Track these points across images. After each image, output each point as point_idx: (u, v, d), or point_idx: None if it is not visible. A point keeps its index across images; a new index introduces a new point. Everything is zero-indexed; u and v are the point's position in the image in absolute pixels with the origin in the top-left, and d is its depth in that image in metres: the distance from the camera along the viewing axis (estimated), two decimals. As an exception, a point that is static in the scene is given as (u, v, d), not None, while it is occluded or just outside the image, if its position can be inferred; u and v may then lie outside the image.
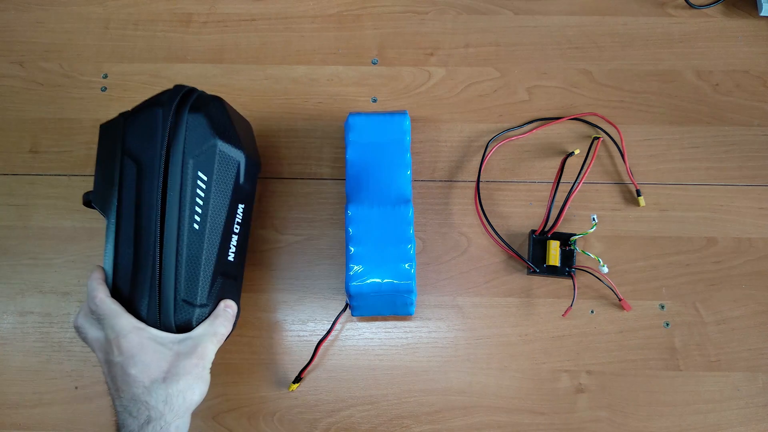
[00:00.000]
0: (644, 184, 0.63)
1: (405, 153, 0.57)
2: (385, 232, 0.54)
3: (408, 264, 0.53)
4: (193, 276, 0.49)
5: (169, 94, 0.51)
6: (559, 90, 0.66)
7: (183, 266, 0.49)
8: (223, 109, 0.53)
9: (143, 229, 0.49)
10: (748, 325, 0.59)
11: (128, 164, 0.50)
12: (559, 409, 0.57)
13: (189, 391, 0.45)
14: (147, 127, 0.50)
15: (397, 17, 0.69)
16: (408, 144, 0.58)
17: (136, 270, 0.48)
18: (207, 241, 0.50)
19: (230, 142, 0.51)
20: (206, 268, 0.50)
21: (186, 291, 0.49)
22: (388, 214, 0.54)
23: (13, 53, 0.69)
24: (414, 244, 0.54)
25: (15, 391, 0.59)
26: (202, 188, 0.50)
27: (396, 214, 0.54)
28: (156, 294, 0.48)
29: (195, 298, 0.49)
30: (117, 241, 0.50)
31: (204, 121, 0.50)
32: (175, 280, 0.48)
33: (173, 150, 0.49)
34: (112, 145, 0.51)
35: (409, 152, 0.58)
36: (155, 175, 0.48)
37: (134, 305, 0.48)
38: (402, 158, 0.57)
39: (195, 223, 0.49)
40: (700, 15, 0.69)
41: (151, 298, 0.48)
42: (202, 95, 0.53)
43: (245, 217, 0.54)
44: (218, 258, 0.50)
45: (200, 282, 0.49)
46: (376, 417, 0.57)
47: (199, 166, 0.49)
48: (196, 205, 0.49)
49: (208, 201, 0.50)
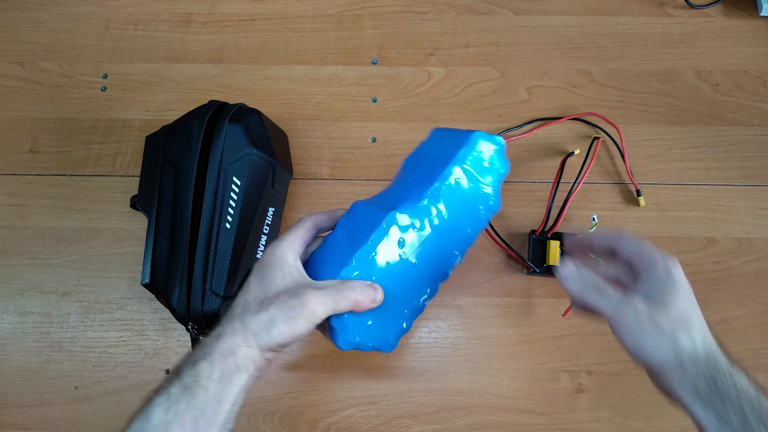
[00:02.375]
0: (644, 184, 0.63)
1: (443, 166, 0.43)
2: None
3: (405, 323, 0.44)
4: (221, 269, 0.54)
5: (204, 109, 0.57)
6: (559, 90, 0.66)
7: (213, 260, 0.54)
8: (260, 121, 0.58)
9: (178, 226, 0.54)
10: (748, 325, 0.59)
11: (168, 170, 0.56)
12: (559, 409, 0.57)
13: (271, 325, 0.37)
14: (184, 137, 0.56)
15: (397, 17, 0.69)
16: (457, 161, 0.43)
17: (171, 262, 0.54)
18: (237, 239, 0.55)
19: (264, 151, 0.57)
20: (235, 263, 0.54)
21: (215, 283, 0.54)
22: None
23: (13, 53, 0.69)
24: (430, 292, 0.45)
25: (15, 391, 0.59)
26: (235, 191, 0.55)
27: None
28: (185, 284, 0.53)
29: (222, 290, 0.54)
30: (155, 238, 0.55)
31: (241, 131, 0.56)
32: (204, 272, 0.53)
33: (212, 156, 0.54)
34: (155, 154, 0.58)
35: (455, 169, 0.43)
36: (190, 178, 0.54)
37: (167, 294, 0.53)
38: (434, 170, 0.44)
39: (227, 222, 0.54)
40: (700, 15, 0.69)
41: (181, 288, 0.53)
42: (242, 108, 0.58)
43: (275, 219, 0.59)
44: (247, 255, 0.55)
45: (229, 275, 0.54)
46: (376, 417, 0.57)
47: (234, 171, 0.55)
48: (229, 207, 0.55)
49: (240, 203, 0.55)
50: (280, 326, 0.37)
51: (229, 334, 0.38)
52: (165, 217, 0.55)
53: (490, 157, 0.45)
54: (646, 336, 0.36)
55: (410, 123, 0.65)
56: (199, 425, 0.35)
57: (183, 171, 0.55)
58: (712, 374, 0.35)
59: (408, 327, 0.44)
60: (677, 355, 0.35)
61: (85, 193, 0.64)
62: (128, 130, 0.66)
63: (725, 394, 0.34)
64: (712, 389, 0.34)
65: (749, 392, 0.34)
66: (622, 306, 0.37)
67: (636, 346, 0.36)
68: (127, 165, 0.65)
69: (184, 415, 0.35)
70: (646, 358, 0.36)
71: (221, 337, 0.38)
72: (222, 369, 0.36)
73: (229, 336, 0.38)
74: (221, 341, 0.37)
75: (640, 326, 0.36)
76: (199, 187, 0.54)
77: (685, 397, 0.35)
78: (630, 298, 0.37)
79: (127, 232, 0.63)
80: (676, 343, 0.35)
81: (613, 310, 0.37)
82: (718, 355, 0.36)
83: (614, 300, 0.37)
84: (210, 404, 0.36)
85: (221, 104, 0.58)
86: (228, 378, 0.37)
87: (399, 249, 0.42)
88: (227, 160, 0.55)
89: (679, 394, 0.35)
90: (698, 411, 0.34)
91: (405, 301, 0.44)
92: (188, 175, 0.54)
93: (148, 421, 0.34)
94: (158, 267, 0.55)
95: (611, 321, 0.37)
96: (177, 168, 0.55)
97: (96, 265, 0.62)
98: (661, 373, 0.36)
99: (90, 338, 0.60)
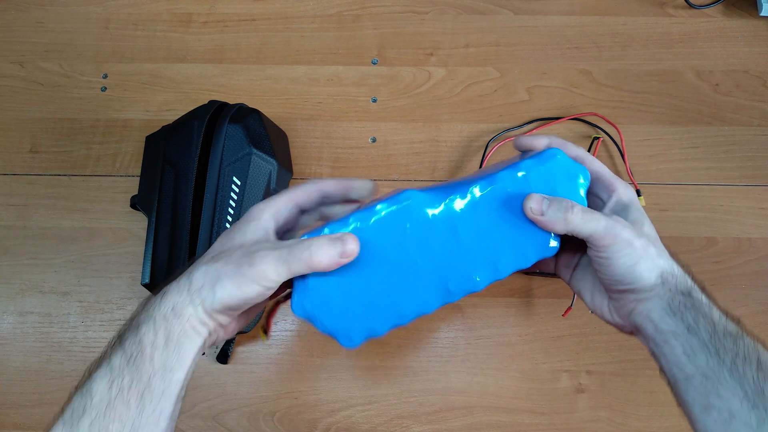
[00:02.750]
0: (644, 184, 0.63)
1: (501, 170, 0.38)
2: None
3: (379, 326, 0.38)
4: None
5: (204, 109, 0.57)
6: (559, 90, 0.66)
7: None
8: (260, 122, 0.58)
9: (178, 226, 0.54)
10: (748, 325, 0.59)
11: (168, 170, 0.56)
12: (559, 409, 0.57)
13: (217, 283, 0.33)
14: (184, 137, 0.56)
15: (397, 17, 0.69)
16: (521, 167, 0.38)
17: (171, 262, 0.54)
18: None
19: (264, 151, 0.57)
20: None
21: None
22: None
23: (13, 53, 0.69)
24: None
25: (15, 391, 0.59)
26: (235, 191, 0.55)
27: None
28: None
29: None
30: (155, 238, 0.55)
31: (241, 131, 0.56)
32: None
33: (212, 156, 0.55)
34: (155, 154, 0.58)
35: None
36: (190, 178, 0.54)
37: None
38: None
39: (227, 222, 0.55)
40: (700, 15, 0.69)
41: None
42: (242, 108, 0.58)
43: None
44: None
45: None
46: (376, 417, 0.57)
47: (234, 171, 0.55)
48: (229, 206, 0.55)
49: (241, 202, 0.55)
50: (225, 284, 0.33)
51: (174, 291, 0.34)
52: (165, 217, 0.55)
53: (569, 181, 0.38)
54: (639, 259, 0.35)
55: (410, 123, 0.65)
56: (147, 400, 0.32)
57: (183, 171, 0.55)
58: (689, 290, 0.35)
59: (380, 332, 0.37)
60: (661, 275, 0.35)
61: (85, 193, 0.64)
62: (128, 130, 0.66)
63: (698, 306, 0.34)
64: (687, 304, 0.34)
65: (716, 308, 0.35)
66: (616, 227, 0.35)
67: (628, 270, 0.35)
68: (127, 165, 0.65)
69: (128, 389, 0.32)
70: (637, 283, 0.35)
71: (166, 295, 0.34)
72: (167, 333, 0.32)
73: (174, 294, 0.33)
74: (165, 300, 0.33)
75: (632, 249, 0.35)
76: (199, 187, 0.54)
77: (656, 315, 0.35)
78: (616, 217, 0.36)
79: (127, 232, 0.63)
80: (659, 264, 0.36)
81: (607, 230, 0.35)
82: (687, 273, 0.36)
83: (604, 221, 0.35)
84: (157, 375, 0.32)
85: (221, 104, 0.58)
86: (176, 343, 0.33)
87: (404, 235, 0.36)
88: (227, 160, 0.55)
89: (651, 314, 0.35)
90: (668, 323, 0.34)
91: (387, 298, 0.37)
92: (188, 175, 0.55)
93: (90, 397, 0.31)
94: (158, 267, 0.55)
95: (602, 244, 0.35)
96: (177, 168, 0.56)
97: (96, 265, 0.62)
98: (644, 294, 0.36)
99: (90, 338, 0.60)
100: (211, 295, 0.33)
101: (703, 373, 0.33)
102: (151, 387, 0.32)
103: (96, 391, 0.31)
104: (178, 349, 0.33)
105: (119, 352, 0.32)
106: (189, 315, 0.33)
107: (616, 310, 0.38)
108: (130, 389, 0.31)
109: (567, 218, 0.35)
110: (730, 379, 0.32)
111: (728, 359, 0.33)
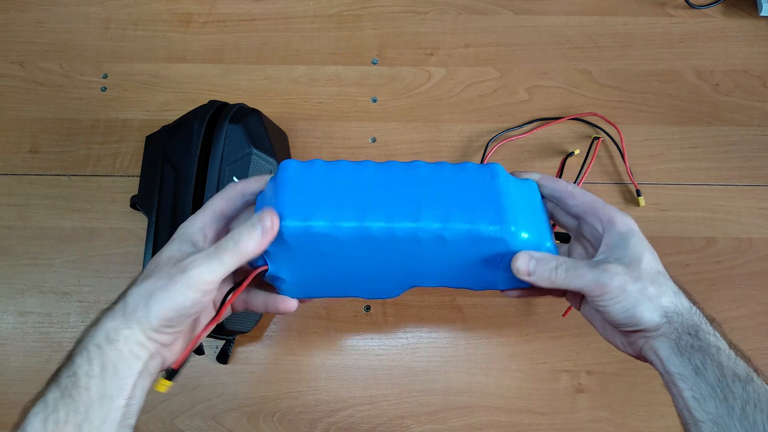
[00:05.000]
0: (644, 184, 0.63)
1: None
2: None
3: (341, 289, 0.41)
4: None
5: (204, 109, 0.57)
6: (559, 90, 0.66)
7: None
8: (260, 122, 0.58)
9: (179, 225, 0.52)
10: (748, 325, 0.59)
11: (168, 170, 0.56)
12: (559, 409, 0.57)
13: (150, 298, 0.33)
14: (185, 137, 0.56)
15: (397, 17, 0.69)
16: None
17: None
18: None
19: (264, 151, 0.57)
20: None
21: None
22: None
23: (13, 53, 0.69)
24: None
25: (15, 391, 0.59)
26: None
27: None
28: None
29: None
30: (156, 238, 0.55)
31: (242, 131, 0.56)
32: None
33: (212, 156, 0.54)
34: (155, 154, 0.58)
35: None
36: (190, 178, 0.54)
37: None
38: None
39: None
40: (700, 15, 0.69)
41: None
42: (242, 108, 0.58)
43: None
44: None
45: None
46: (376, 417, 0.58)
47: (234, 171, 0.55)
48: None
49: None
50: (159, 297, 0.32)
51: (109, 317, 0.33)
52: (165, 217, 0.55)
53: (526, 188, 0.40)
54: (636, 303, 0.35)
55: (410, 123, 0.65)
56: (85, 431, 0.31)
57: (183, 171, 0.55)
58: (696, 328, 0.35)
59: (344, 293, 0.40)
60: (665, 314, 0.35)
61: (85, 193, 0.64)
62: (128, 130, 0.66)
63: (705, 348, 0.34)
64: (694, 345, 0.34)
65: (726, 348, 0.34)
66: (602, 277, 0.35)
67: (628, 314, 0.35)
68: (127, 165, 0.65)
69: (65, 423, 0.30)
70: (640, 325, 0.35)
71: (99, 322, 0.33)
72: (102, 362, 0.32)
73: (108, 320, 0.33)
74: (98, 328, 0.33)
75: (628, 295, 0.35)
76: (199, 187, 0.54)
77: (664, 354, 0.35)
78: (604, 266, 0.35)
79: (127, 232, 0.63)
80: (662, 304, 0.35)
81: (595, 284, 0.35)
82: (695, 309, 0.36)
83: (590, 274, 0.35)
84: (95, 405, 0.31)
85: (221, 104, 0.58)
86: (113, 371, 0.32)
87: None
88: (227, 160, 0.55)
89: (659, 351, 0.35)
90: (675, 364, 0.34)
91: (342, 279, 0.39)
92: (188, 175, 0.55)
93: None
94: None
95: (594, 295, 0.35)
96: (177, 168, 0.56)
97: (96, 265, 0.62)
98: (651, 333, 0.35)
99: (90, 338, 0.60)
100: (146, 314, 0.32)
101: (714, 420, 0.32)
102: (90, 418, 0.31)
103: (30, 430, 0.31)
104: (116, 375, 0.32)
105: (54, 387, 0.32)
106: (125, 339, 0.32)
107: (629, 344, 0.38)
108: (66, 422, 0.31)
109: (551, 279, 0.36)
110: (741, 429, 0.32)
111: (738, 407, 0.32)
